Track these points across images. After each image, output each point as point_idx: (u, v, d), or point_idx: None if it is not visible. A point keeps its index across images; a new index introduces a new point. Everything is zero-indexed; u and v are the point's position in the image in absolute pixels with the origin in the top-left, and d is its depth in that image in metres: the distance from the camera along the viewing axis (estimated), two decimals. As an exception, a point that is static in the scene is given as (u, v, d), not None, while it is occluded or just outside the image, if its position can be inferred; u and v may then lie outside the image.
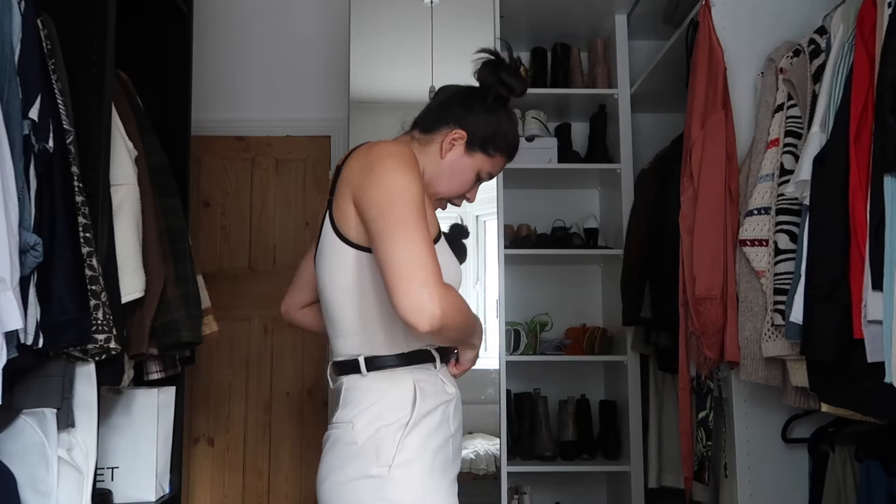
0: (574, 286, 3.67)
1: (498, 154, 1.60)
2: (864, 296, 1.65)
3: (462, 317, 1.38)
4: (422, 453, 1.41)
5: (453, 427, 1.50)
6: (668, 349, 2.83)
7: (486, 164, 1.59)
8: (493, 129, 1.58)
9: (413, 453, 1.40)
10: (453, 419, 1.51)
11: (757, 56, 2.40)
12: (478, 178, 1.61)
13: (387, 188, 1.37)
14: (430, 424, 1.44)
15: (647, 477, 3.19)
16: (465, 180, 1.60)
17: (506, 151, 1.62)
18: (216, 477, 3.54)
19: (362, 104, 3.08)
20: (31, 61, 1.75)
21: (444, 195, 1.62)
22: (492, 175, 1.63)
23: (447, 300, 1.30)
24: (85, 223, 1.84)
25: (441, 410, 1.47)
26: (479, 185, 1.64)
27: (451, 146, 1.57)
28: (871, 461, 1.96)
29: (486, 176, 1.62)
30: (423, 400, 1.45)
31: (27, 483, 1.78)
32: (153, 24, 2.71)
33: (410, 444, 1.41)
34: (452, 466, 1.50)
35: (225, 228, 3.68)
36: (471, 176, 1.60)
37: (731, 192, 2.28)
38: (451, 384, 1.54)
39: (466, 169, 1.59)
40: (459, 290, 1.51)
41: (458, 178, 1.59)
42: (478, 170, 1.60)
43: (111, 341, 1.84)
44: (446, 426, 1.48)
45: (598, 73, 3.57)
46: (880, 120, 1.64)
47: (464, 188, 1.61)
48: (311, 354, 3.61)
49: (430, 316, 1.27)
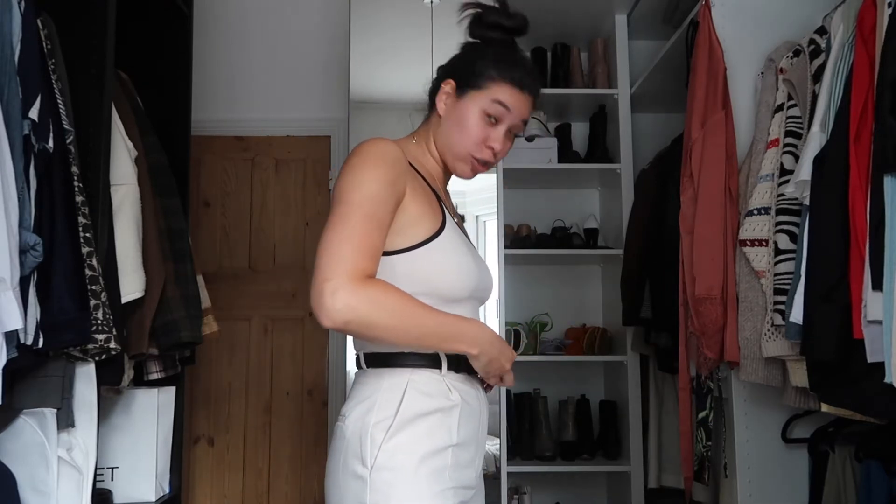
0: (574, 286, 3.67)
1: (491, 82, 1.45)
2: (864, 296, 1.65)
3: (388, 317, 1.27)
4: (406, 458, 1.32)
5: (458, 437, 1.38)
6: (668, 349, 2.83)
7: (483, 98, 1.44)
8: (476, 59, 1.47)
9: (395, 457, 1.32)
10: (459, 428, 1.38)
11: (757, 56, 2.40)
12: (490, 120, 1.45)
13: (340, 185, 1.34)
14: (421, 429, 1.35)
15: (647, 477, 3.19)
16: (470, 126, 1.45)
17: (499, 76, 1.45)
18: (216, 477, 3.54)
19: (362, 104, 3.08)
20: (31, 61, 1.75)
21: (463, 152, 1.47)
22: (502, 107, 1.44)
23: (358, 297, 1.23)
24: (85, 223, 1.84)
25: (439, 416, 1.37)
26: (501, 131, 1.46)
27: (443, 101, 1.49)
28: (871, 461, 1.96)
29: (493, 109, 1.45)
30: (414, 402, 1.36)
31: (27, 483, 1.78)
32: (153, 24, 2.71)
33: (393, 448, 1.32)
34: (453, 478, 1.36)
35: (225, 228, 3.68)
36: (475, 119, 1.45)
37: (731, 192, 2.28)
38: (459, 391, 1.40)
39: (466, 113, 1.46)
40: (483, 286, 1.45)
41: (463, 127, 1.46)
42: (480, 110, 1.45)
43: (111, 341, 1.84)
44: (445, 434, 1.36)
45: (598, 73, 3.57)
46: (880, 120, 1.64)
47: (475, 135, 1.45)
48: (311, 354, 3.61)
49: (329, 310, 1.22)
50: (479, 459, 1.47)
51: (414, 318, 1.30)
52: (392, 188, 1.34)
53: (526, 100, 1.48)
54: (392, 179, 1.34)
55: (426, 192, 1.43)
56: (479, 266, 1.46)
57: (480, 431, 1.46)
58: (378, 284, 1.28)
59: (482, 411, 1.46)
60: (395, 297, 1.29)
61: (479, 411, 1.45)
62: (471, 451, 1.42)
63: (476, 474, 1.45)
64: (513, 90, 1.45)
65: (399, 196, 1.35)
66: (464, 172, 1.50)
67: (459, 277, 1.40)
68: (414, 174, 1.43)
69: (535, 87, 1.50)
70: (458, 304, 1.40)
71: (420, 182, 1.44)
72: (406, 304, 1.30)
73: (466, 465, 1.40)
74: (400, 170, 1.37)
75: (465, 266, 1.41)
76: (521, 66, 1.49)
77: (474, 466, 1.44)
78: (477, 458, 1.45)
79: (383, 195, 1.32)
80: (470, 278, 1.42)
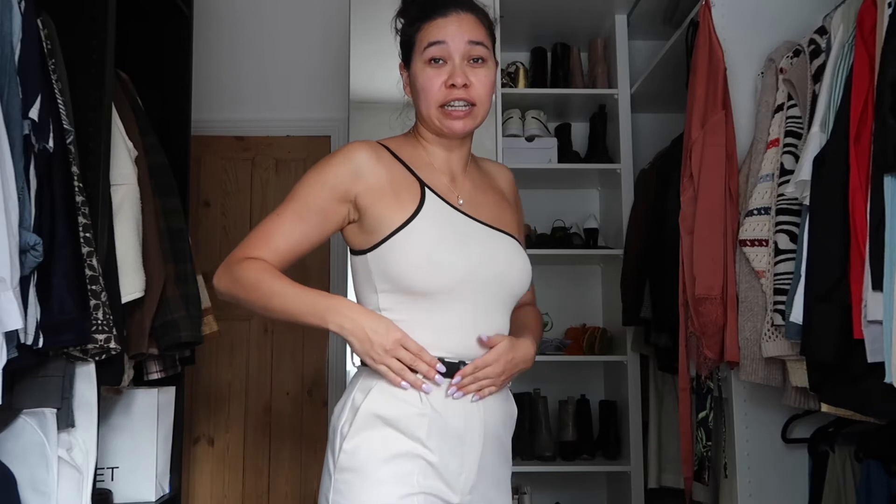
0: (574, 286, 3.67)
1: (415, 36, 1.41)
2: (864, 296, 1.65)
3: (245, 292, 1.35)
4: (367, 460, 1.30)
5: (430, 445, 1.31)
6: (668, 349, 2.83)
7: (418, 54, 1.40)
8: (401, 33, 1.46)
9: (355, 458, 1.30)
10: (429, 438, 1.31)
11: (757, 56, 2.40)
12: (435, 64, 1.39)
13: None
14: (386, 431, 1.30)
15: (647, 477, 3.19)
16: (423, 81, 1.40)
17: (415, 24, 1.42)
18: (216, 477, 3.54)
19: (362, 104, 3.08)
20: (31, 61, 1.75)
21: (433, 109, 1.40)
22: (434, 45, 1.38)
23: (224, 274, 1.37)
24: (85, 223, 1.84)
25: (406, 420, 1.31)
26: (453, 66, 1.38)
27: (405, 83, 1.48)
28: (871, 461, 1.96)
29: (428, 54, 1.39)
30: (376, 404, 1.32)
31: (27, 483, 1.78)
32: (153, 24, 2.71)
33: (353, 448, 1.31)
34: (422, 484, 1.30)
35: (225, 228, 3.68)
36: (423, 75, 1.39)
37: (731, 192, 2.28)
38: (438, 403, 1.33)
39: (416, 76, 1.41)
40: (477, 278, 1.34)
41: (420, 89, 1.40)
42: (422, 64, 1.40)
43: (111, 341, 1.84)
44: (411, 439, 1.31)
45: (598, 73, 3.57)
46: (880, 120, 1.64)
47: (431, 86, 1.38)
48: (311, 354, 3.61)
49: (214, 284, 1.39)
50: (469, 475, 1.35)
51: (273, 294, 1.34)
52: (331, 191, 1.37)
53: (450, 21, 1.39)
54: (333, 183, 1.37)
55: (402, 186, 1.38)
56: (463, 256, 1.33)
57: (470, 447, 1.35)
58: (245, 263, 1.36)
59: (473, 428, 1.35)
60: (255, 273, 1.35)
61: (465, 427, 1.34)
62: (452, 465, 1.33)
63: (462, 489, 1.34)
64: (430, 23, 1.39)
65: (341, 197, 1.37)
66: (451, 127, 1.40)
67: (429, 271, 1.31)
68: (388, 172, 1.39)
69: (446, 4, 1.41)
70: (439, 302, 1.33)
71: (397, 177, 1.39)
72: (265, 279, 1.34)
73: (441, 477, 1.32)
74: (350, 172, 1.37)
75: (437, 257, 1.31)
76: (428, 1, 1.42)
77: (458, 480, 1.34)
78: (463, 472, 1.34)
79: (316, 196, 1.38)
80: (443, 270, 1.31)
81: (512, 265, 1.40)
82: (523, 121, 3.51)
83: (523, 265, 1.42)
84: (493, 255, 1.38)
